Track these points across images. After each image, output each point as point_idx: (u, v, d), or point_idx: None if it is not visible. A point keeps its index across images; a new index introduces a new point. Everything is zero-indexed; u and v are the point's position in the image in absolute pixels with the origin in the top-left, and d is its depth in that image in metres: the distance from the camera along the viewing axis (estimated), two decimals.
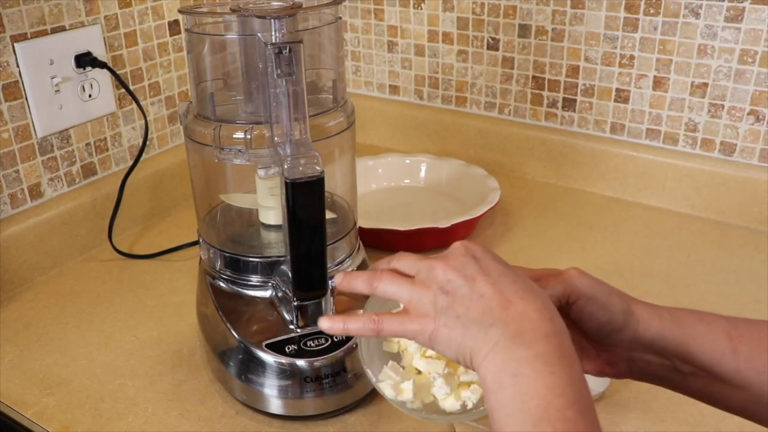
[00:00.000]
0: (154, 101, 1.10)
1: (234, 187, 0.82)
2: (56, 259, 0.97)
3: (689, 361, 0.50)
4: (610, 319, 0.51)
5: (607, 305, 0.51)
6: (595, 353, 0.54)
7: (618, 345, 0.52)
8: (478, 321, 0.44)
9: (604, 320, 0.51)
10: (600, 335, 0.52)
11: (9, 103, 0.90)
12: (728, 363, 0.49)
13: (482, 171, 1.10)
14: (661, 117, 1.09)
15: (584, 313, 0.51)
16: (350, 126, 0.74)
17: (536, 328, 0.43)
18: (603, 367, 0.54)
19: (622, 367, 0.53)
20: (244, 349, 0.69)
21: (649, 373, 0.53)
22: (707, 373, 0.50)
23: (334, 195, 0.82)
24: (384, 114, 1.33)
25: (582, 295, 0.51)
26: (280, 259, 0.73)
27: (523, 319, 0.44)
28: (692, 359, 0.50)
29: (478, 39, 1.19)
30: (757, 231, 1.03)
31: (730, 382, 0.50)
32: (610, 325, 0.51)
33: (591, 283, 0.52)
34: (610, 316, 0.51)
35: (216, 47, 0.72)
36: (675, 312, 0.52)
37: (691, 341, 0.50)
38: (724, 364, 0.49)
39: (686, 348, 0.50)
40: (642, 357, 0.52)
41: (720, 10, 0.98)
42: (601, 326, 0.51)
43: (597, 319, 0.51)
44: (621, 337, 0.51)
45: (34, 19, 0.90)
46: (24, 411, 0.73)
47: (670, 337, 0.51)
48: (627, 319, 0.51)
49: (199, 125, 0.71)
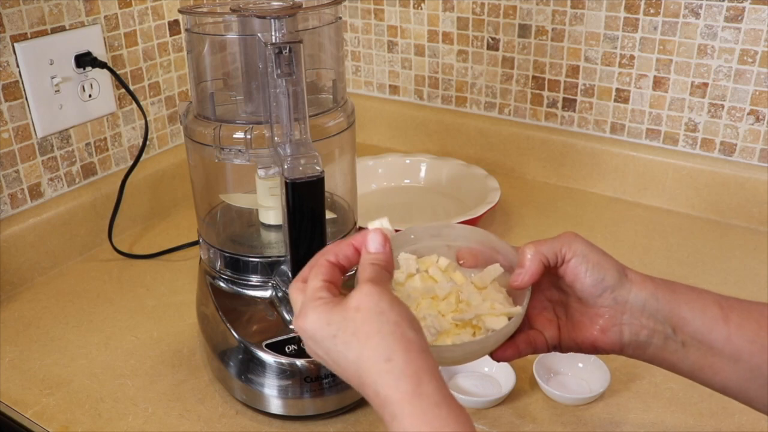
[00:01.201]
0: (154, 101, 1.10)
1: (234, 187, 0.82)
2: (56, 259, 0.97)
3: (681, 327, 0.51)
4: (603, 277, 0.52)
5: (600, 263, 0.52)
6: (588, 321, 0.54)
7: (611, 307, 0.52)
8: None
9: (597, 278, 0.52)
10: (594, 294, 0.53)
11: (9, 103, 0.90)
12: (720, 330, 0.50)
13: (482, 171, 1.10)
14: (661, 117, 1.09)
15: (578, 270, 0.52)
16: (350, 126, 0.74)
17: None
18: (596, 336, 0.54)
19: (615, 334, 0.53)
20: (244, 349, 0.69)
21: (642, 342, 0.52)
22: (699, 342, 0.50)
23: (334, 195, 0.82)
24: (384, 114, 1.33)
25: (576, 252, 0.53)
26: (280, 259, 0.73)
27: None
28: (684, 325, 0.51)
29: (478, 39, 1.19)
30: (757, 231, 1.03)
31: (723, 351, 0.50)
32: (603, 282, 0.52)
33: (585, 243, 0.53)
34: (603, 274, 0.52)
35: (216, 47, 0.72)
36: (667, 281, 0.53)
37: (683, 305, 0.51)
38: (716, 331, 0.50)
39: (678, 312, 0.51)
40: (635, 322, 0.52)
41: (720, 10, 0.98)
42: (595, 284, 0.52)
43: (591, 276, 0.52)
44: (614, 297, 0.52)
45: (34, 19, 0.90)
46: (24, 411, 0.73)
47: (663, 299, 0.51)
48: (620, 279, 0.52)
49: (199, 125, 0.71)
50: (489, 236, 0.60)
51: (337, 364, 0.46)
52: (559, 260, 0.53)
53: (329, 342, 0.45)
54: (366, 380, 0.43)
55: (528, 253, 0.53)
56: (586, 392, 0.72)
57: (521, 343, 0.55)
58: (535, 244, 0.54)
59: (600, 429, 0.69)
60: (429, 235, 0.61)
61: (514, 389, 0.72)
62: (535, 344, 0.55)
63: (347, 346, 0.44)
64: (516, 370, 0.73)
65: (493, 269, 0.57)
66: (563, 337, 0.56)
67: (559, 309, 0.57)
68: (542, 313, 0.57)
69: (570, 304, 0.56)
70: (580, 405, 0.71)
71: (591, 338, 0.54)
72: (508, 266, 0.57)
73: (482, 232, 0.60)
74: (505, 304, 0.56)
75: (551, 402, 0.72)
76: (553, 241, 0.53)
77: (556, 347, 0.56)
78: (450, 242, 0.61)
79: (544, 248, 0.53)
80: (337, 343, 0.45)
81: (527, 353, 0.55)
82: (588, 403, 0.71)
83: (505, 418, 0.70)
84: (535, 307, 0.56)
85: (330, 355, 0.46)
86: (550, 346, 0.56)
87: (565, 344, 0.56)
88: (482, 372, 0.75)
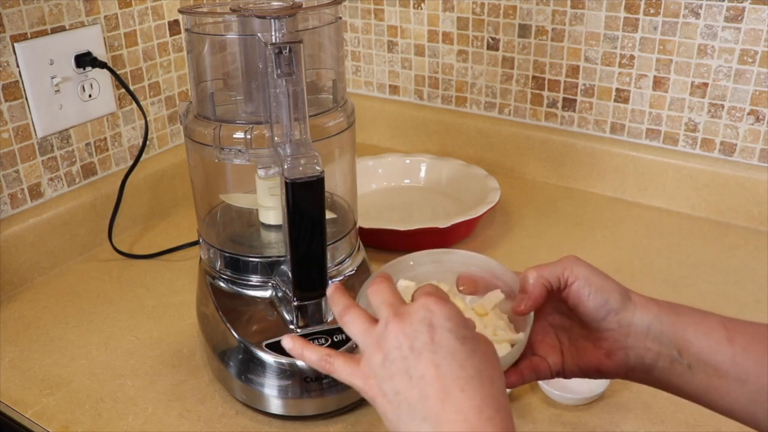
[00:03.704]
0: (154, 101, 1.10)
1: (234, 187, 0.82)
2: (56, 259, 0.97)
3: (686, 349, 0.50)
4: (607, 300, 0.52)
5: (603, 287, 0.52)
6: (592, 346, 0.54)
7: (615, 330, 0.52)
8: (412, 408, 0.42)
9: (601, 301, 0.52)
10: (597, 317, 0.52)
11: (9, 103, 0.90)
12: (725, 352, 0.49)
13: (482, 171, 1.10)
14: (661, 117, 1.09)
15: (581, 294, 0.52)
16: (350, 126, 0.74)
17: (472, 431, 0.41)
18: (601, 360, 0.53)
19: (621, 357, 0.52)
20: (244, 349, 0.69)
21: (647, 366, 0.52)
22: (705, 364, 0.50)
23: (334, 195, 0.82)
24: (384, 114, 1.33)
25: (579, 276, 0.52)
26: (280, 259, 0.73)
27: (458, 419, 0.41)
28: (689, 347, 0.50)
29: (478, 39, 1.19)
30: (757, 231, 1.03)
31: (729, 374, 0.49)
32: (607, 305, 0.52)
33: (588, 266, 0.53)
34: (607, 297, 0.52)
35: (216, 47, 0.72)
36: (671, 303, 0.53)
37: (687, 328, 0.51)
38: (721, 352, 0.49)
39: (683, 335, 0.50)
40: (640, 345, 0.52)
41: (720, 10, 0.98)
42: (598, 307, 0.52)
43: (594, 299, 0.52)
44: (618, 320, 0.52)
45: (34, 19, 0.90)
46: (24, 411, 0.73)
47: (667, 322, 0.51)
48: (624, 301, 0.52)
49: (199, 125, 0.71)
50: (489, 262, 0.59)
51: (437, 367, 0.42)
52: (562, 284, 0.53)
53: (457, 342, 0.43)
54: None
55: (530, 278, 0.53)
56: (586, 392, 0.72)
57: (525, 369, 0.55)
58: (537, 269, 0.53)
59: (600, 429, 0.69)
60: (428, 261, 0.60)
61: (514, 389, 0.72)
62: (539, 370, 0.55)
63: (468, 383, 0.42)
64: None
65: (494, 295, 0.57)
66: (567, 363, 0.55)
67: (561, 334, 0.56)
68: (545, 339, 0.56)
69: (573, 329, 0.55)
70: (580, 405, 0.71)
71: (595, 362, 0.53)
72: (509, 292, 0.57)
73: (482, 258, 0.60)
74: (507, 330, 0.55)
75: (551, 402, 0.72)
76: (554, 266, 0.53)
77: (559, 373, 0.56)
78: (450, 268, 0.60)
79: (546, 272, 0.53)
80: (466, 365, 0.42)
81: (531, 380, 0.55)
82: (588, 403, 0.71)
83: None
84: (538, 333, 0.56)
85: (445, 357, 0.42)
86: (554, 371, 0.55)
87: (569, 369, 0.55)
88: None
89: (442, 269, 0.60)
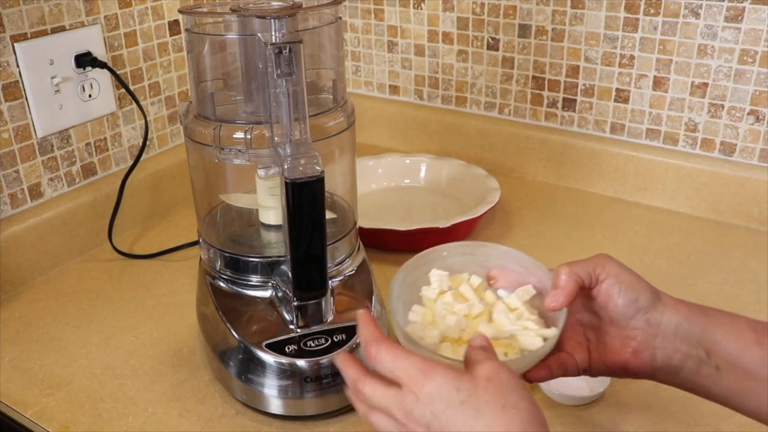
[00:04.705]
0: (154, 101, 1.10)
1: (234, 187, 0.82)
2: (56, 259, 0.97)
3: (714, 351, 0.50)
4: (636, 298, 0.52)
5: (633, 285, 0.53)
6: (619, 345, 0.54)
7: (644, 329, 0.52)
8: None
9: (631, 299, 0.52)
10: (627, 315, 0.52)
11: (9, 103, 0.90)
12: (754, 353, 0.49)
13: (482, 171, 1.10)
14: (661, 117, 1.09)
15: (612, 291, 0.53)
16: (350, 126, 0.74)
17: None
18: (628, 359, 0.53)
19: (648, 357, 0.53)
20: (244, 349, 0.69)
21: (675, 366, 0.52)
22: (733, 366, 0.50)
23: (334, 195, 0.82)
24: (384, 114, 1.33)
25: (610, 273, 0.53)
26: (280, 259, 0.73)
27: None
28: (717, 349, 0.50)
29: (478, 39, 1.19)
30: (757, 231, 1.03)
31: (757, 376, 0.49)
32: (636, 303, 0.52)
33: (619, 264, 0.54)
34: (637, 295, 0.52)
35: (216, 47, 0.72)
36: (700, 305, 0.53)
37: (716, 329, 0.51)
38: (750, 354, 0.49)
39: (712, 336, 0.50)
40: (668, 345, 0.52)
41: (720, 10, 0.98)
42: (628, 305, 0.52)
43: (624, 297, 0.52)
44: (647, 319, 0.52)
45: (34, 19, 0.90)
46: (24, 411, 0.73)
47: (696, 323, 0.51)
48: (653, 301, 0.52)
49: (199, 125, 0.71)
50: (522, 256, 0.60)
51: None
52: (593, 281, 0.53)
53: (454, 409, 0.43)
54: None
55: (563, 274, 0.54)
56: (586, 392, 0.72)
57: (553, 364, 0.55)
58: (569, 265, 0.54)
59: (600, 429, 0.69)
60: (461, 253, 0.61)
61: None
62: (566, 367, 0.56)
63: (478, 413, 0.42)
64: None
65: (525, 290, 0.57)
66: (593, 360, 0.55)
67: (589, 332, 0.56)
68: (573, 337, 0.57)
69: (601, 327, 0.55)
70: (580, 405, 0.71)
71: (622, 361, 0.54)
72: (541, 287, 0.57)
73: (515, 253, 0.60)
74: (538, 325, 0.56)
75: (551, 402, 0.72)
76: (586, 262, 0.54)
77: (586, 370, 0.56)
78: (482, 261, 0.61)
79: (578, 269, 0.54)
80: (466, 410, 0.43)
81: (558, 375, 0.55)
82: (588, 403, 0.71)
83: None
84: (566, 330, 0.56)
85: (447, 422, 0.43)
86: (581, 369, 0.56)
87: (596, 367, 0.55)
88: None
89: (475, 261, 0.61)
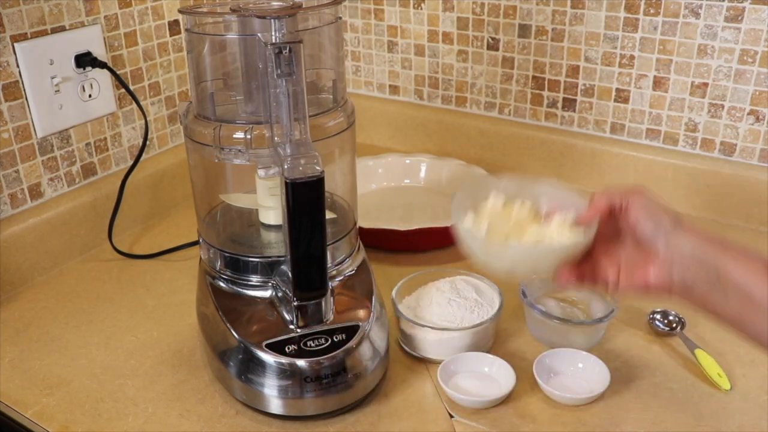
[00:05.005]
0: (154, 101, 1.11)
1: (234, 187, 0.82)
2: (56, 259, 0.97)
3: (724, 277, 0.57)
4: (660, 221, 0.60)
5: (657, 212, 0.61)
6: (643, 263, 0.61)
7: (664, 251, 0.60)
8: None
9: (656, 222, 0.60)
10: (651, 237, 0.60)
11: (9, 103, 0.90)
12: (761, 286, 0.55)
13: (482, 171, 1.10)
14: (661, 117, 1.09)
15: (640, 214, 0.61)
16: (350, 126, 0.74)
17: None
18: (649, 276, 0.60)
19: (666, 274, 0.59)
20: (244, 349, 0.69)
21: (689, 285, 0.59)
22: (740, 293, 0.56)
23: (334, 195, 0.82)
24: (384, 114, 1.33)
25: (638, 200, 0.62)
26: (280, 259, 0.73)
27: None
28: (728, 276, 0.56)
29: (478, 39, 1.19)
30: (757, 231, 1.03)
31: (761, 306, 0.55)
32: (660, 226, 0.60)
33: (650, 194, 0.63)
34: (660, 219, 0.60)
35: (216, 47, 0.72)
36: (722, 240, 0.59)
37: (729, 260, 0.57)
38: (757, 285, 0.55)
39: (724, 265, 0.57)
40: (683, 265, 0.59)
41: (720, 10, 0.98)
42: (653, 227, 0.60)
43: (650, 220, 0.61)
44: (667, 241, 0.59)
45: (34, 19, 0.90)
46: (24, 411, 0.73)
47: (711, 251, 0.58)
48: (675, 227, 0.60)
49: (199, 125, 0.71)
50: (570, 194, 0.68)
51: None
52: (624, 203, 0.62)
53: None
54: None
55: (597, 195, 0.64)
56: (586, 392, 0.72)
57: (586, 269, 0.64)
58: (605, 189, 0.64)
59: (600, 429, 0.69)
60: (515, 185, 0.70)
61: (514, 389, 0.72)
62: (596, 276, 0.64)
63: None
64: (516, 370, 0.73)
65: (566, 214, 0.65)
66: (621, 278, 0.63)
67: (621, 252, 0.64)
68: (607, 251, 0.65)
69: (628, 248, 0.63)
70: (580, 405, 0.71)
71: (644, 279, 0.61)
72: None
73: (565, 190, 0.69)
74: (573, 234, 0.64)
75: (551, 402, 0.72)
76: (620, 191, 0.63)
77: (613, 288, 0.64)
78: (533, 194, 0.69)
79: (610, 194, 0.63)
80: None
81: (587, 283, 0.65)
82: (588, 403, 0.71)
83: (505, 418, 0.70)
84: (602, 244, 0.65)
85: None
86: (610, 284, 0.64)
87: (622, 284, 0.63)
88: (482, 372, 0.75)
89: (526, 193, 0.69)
